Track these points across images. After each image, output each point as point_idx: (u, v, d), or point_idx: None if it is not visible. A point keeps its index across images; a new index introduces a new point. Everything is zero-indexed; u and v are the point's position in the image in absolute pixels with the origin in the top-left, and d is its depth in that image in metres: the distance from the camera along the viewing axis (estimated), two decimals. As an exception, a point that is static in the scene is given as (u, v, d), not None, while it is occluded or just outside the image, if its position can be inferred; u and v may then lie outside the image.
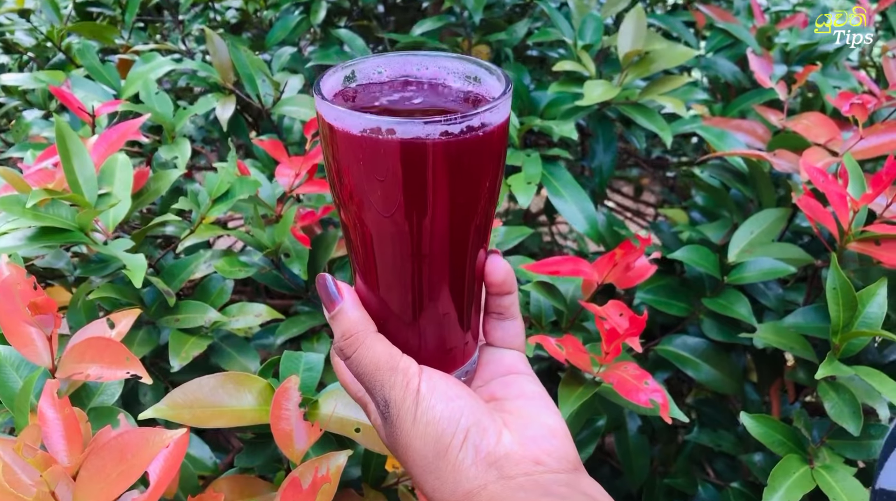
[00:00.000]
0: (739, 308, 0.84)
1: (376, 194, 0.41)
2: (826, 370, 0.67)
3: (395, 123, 0.38)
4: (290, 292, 0.93)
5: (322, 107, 0.40)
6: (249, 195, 0.85)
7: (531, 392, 0.48)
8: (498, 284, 0.48)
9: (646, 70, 1.03)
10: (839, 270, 0.68)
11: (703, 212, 1.06)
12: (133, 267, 0.75)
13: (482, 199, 0.43)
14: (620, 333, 0.63)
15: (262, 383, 0.66)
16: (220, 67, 1.12)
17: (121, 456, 0.52)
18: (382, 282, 0.46)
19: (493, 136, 0.40)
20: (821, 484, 0.68)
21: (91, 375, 0.62)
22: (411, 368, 0.46)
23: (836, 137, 0.91)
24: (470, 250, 0.45)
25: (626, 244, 0.72)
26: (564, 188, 0.98)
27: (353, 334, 0.46)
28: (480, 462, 0.43)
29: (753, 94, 1.12)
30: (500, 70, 0.44)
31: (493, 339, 0.51)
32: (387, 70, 0.47)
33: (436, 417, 0.44)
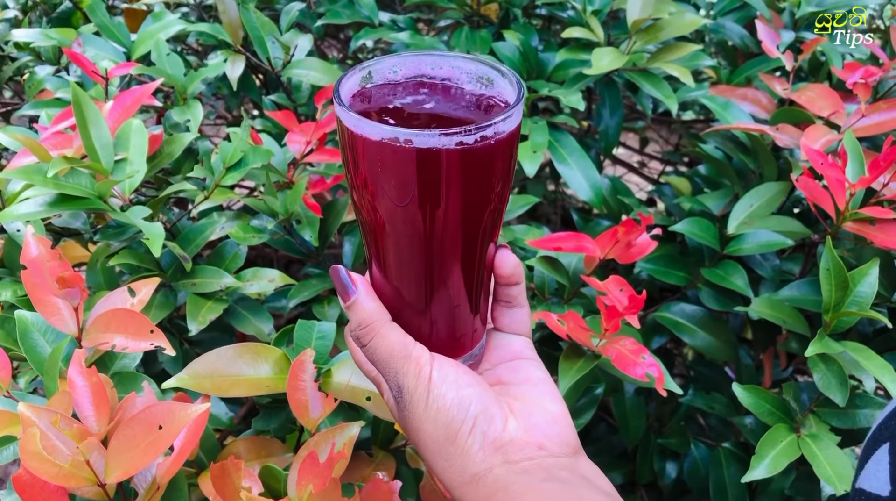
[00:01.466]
0: (736, 280, 0.87)
1: (392, 195, 0.43)
2: (816, 347, 0.71)
3: (412, 135, 0.40)
4: (302, 255, 0.96)
5: (342, 114, 0.42)
6: (262, 165, 0.87)
7: (536, 378, 0.51)
8: (506, 276, 0.51)
9: (654, 38, 1.03)
10: (833, 252, 0.70)
11: (706, 181, 1.08)
12: (152, 235, 0.78)
13: (493, 200, 0.45)
14: (620, 310, 0.66)
15: (278, 353, 0.70)
16: (230, 25, 1.13)
17: (149, 428, 0.56)
18: (396, 274, 0.49)
19: (505, 142, 0.42)
20: (806, 453, 0.72)
21: (117, 345, 0.66)
22: (423, 356, 0.48)
23: (840, 111, 0.92)
24: (480, 246, 0.48)
25: (628, 222, 0.74)
26: (570, 156, 1.00)
27: (368, 323, 0.49)
28: (487, 447, 0.46)
29: (760, 61, 1.13)
30: (512, 73, 0.46)
31: (501, 325, 0.54)
32: (402, 70, 0.48)
33: (446, 404, 0.47)
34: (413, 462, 0.75)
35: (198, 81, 1.05)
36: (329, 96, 0.90)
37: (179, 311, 1.03)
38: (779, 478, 0.89)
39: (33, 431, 0.55)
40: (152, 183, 1.05)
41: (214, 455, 0.72)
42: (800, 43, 1.10)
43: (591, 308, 0.84)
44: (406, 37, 1.18)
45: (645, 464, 1.04)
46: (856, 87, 0.83)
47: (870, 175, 0.73)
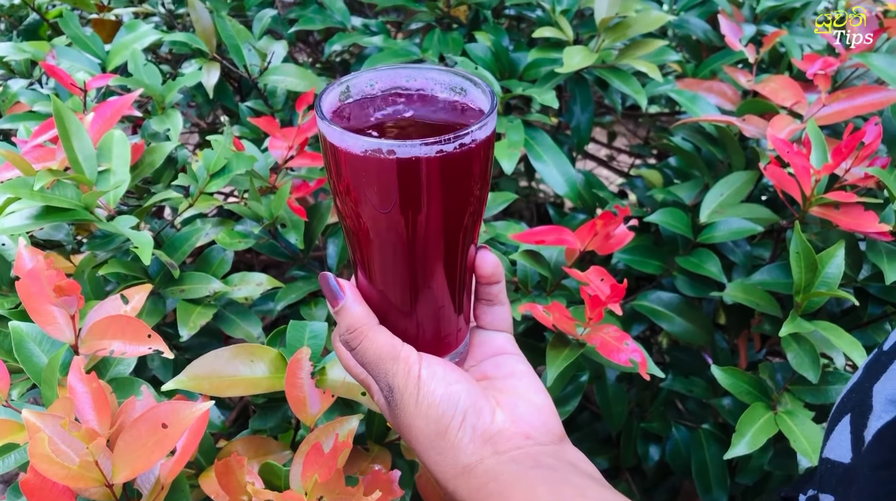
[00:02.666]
0: (710, 266, 0.91)
1: (376, 203, 0.45)
2: (789, 327, 0.74)
3: (394, 146, 0.42)
4: (287, 259, 0.98)
5: (325, 129, 0.45)
6: (245, 171, 0.89)
7: (520, 372, 0.54)
8: (487, 275, 0.54)
9: (622, 35, 1.07)
10: (801, 235, 0.74)
11: (677, 172, 1.11)
12: (141, 244, 0.79)
13: (472, 202, 0.48)
14: (603, 299, 0.69)
15: (273, 352, 0.72)
16: (204, 34, 1.14)
17: (154, 428, 0.58)
18: (381, 279, 0.51)
19: (482, 148, 0.45)
20: (783, 429, 0.76)
21: (115, 351, 0.67)
22: (412, 356, 0.51)
23: (801, 100, 0.97)
24: (462, 248, 0.50)
25: (606, 215, 0.77)
26: (546, 153, 1.03)
27: (356, 327, 0.51)
28: (477, 439, 0.49)
29: (723, 54, 1.17)
30: (484, 83, 0.48)
31: (484, 323, 0.57)
32: (378, 83, 0.51)
33: (436, 400, 0.49)
34: (408, 455, 0.78)
35: (176, 91, 1.06)
36: (309, 102, 0.92)
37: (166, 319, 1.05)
38: (758, 455, 0.93)
39: (41, 435, 0.56)
40: (133, 193, 1.06)
41: (211, 456, 0.74)
42: (761, 36, 1.15)
43: (574, 299, 0.87)
44: (379, 41, 1.20)
45: (628, 449, 1.08)
46: (816, 77, 0.87)
47: (833, 161, 0.77)
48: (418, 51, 1.18)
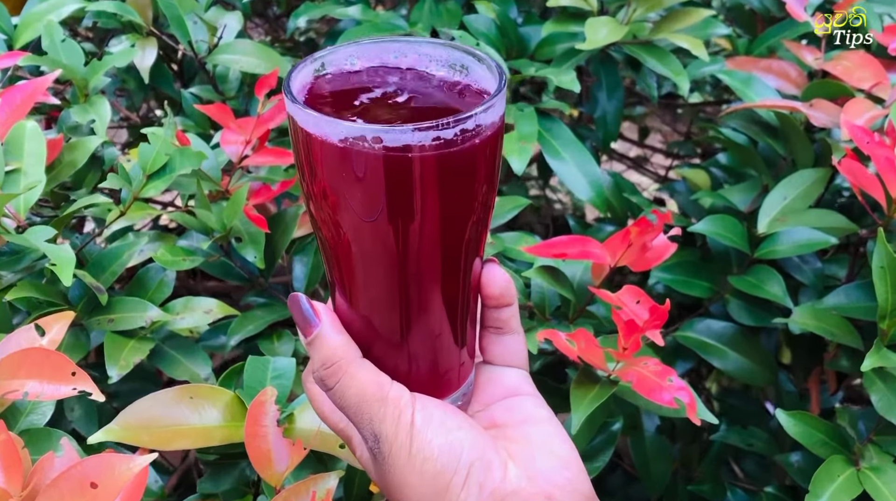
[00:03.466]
0: (771, 287, 0.91)
1: (359, 206, 0.45)
2: (873, 360, 0.75)
3: (381, 132, 0.42)
4: (243, 282, 0.98)
5: (296, 112, 0.45)
6: (192, 170, 0.89)
7: (538, 417, 0.54)
8: (496, 296, 0.54)
9: (658, 3, 1.08)
10: (886, 245, 0.75)
11: (728, 172, 1.13)
12: (60, 261, 0.79)
13: (477, 206, 0.48)
14: (640, 324, 0.70)
15: (229, 395, 0.72)
16: (137, 4, 1.15)
17: (82, 488, 0.58)
18: (366, 301, 0.51)
19: (489, 137, 0.45)
20: (868, 488, 0.76)
21: (30, 393, 0.67)
22: (403, 397, 0.50)
23: (883, 81, 0.98)
24: (464, 262, 0.50)
25: (641, 221, 0.78)
26: (564, 148, 1.04)
27: (334, 362, 0.50)
28: (486, 500, 0.49)
29: (784, 26, 1.19)
30: (490, 59, 0.49)
31: (492, 356, 0.57)
32: (360, 60, 0.51)
33: (434, 452, 0.49)
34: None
35: (102, 73, 1.07)
36: (271, 85, 0.93)
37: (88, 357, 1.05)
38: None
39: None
40: (48, 201, 1.06)
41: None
42: (830, 5, 1.16)
43: (602, 329, 0.88)
44: (356, 12, 1.21)
45: (672, 519, 1.08)
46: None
47: (924, 151, 0.78)
48: (405, 24, 1.19)
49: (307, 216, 0.98)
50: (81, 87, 1.07)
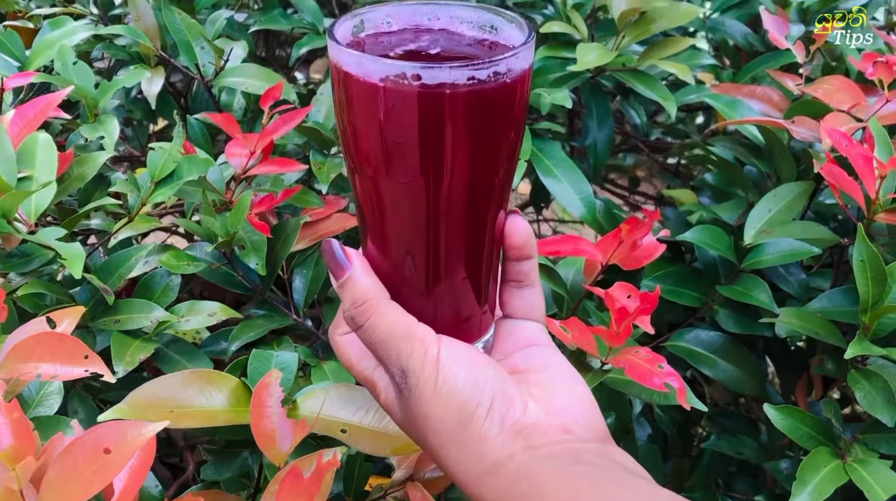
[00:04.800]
0: (758, 294, 0.94)
1: (397, 146, 0.48)
2: (856, 349, 0.77)
3: (419, 69, 0.45)
4: (245, 291, 1.00)
5: (339, 53, 0.48)
6: (198, 177, 0.92)
7: (556, 363, 0.57)
8: (518, 246, 0.57)
9: (645, 31, 1.13)
10: (866, 240, 0.78)
11: (715, 191, 1.16)
12: (70, 256, 0.82)
13: (506, 151, 0.51)
14: (631, 310, 0.72)
15: (234, 381, 0.74)
16: (147, 33, 1.20)
17: (95, 454, 0.59)
18: (397, 245, 0.54)
19: (518, 83, 0.49)
20: (854, 478, 0.78)
21: (43, 374, 0.69)
22: (429, 336, 0.53)
23: (861, 103, 1.02)
24: (491, 208, 0.54)
25: (632, 220, 0.81)
26: (558, 167, 1.07)
27: (365, 301, 0.53)
28: (507, 430, 0.51)
29: (767, 57, 1.23)
30: (520, 17, 0.53)
31: (512, 309, 0.59)
32: (395, 20, 0.55)
33: (458, 385, 0.52)
34: None
35: (111, 94, 1.11)
36: (276, 97, 0.96)
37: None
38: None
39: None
40: (55, 218, 1.09)
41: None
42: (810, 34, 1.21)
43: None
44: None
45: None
46: (876, 67, 0.93)
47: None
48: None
49: (307, 230, 1.01)
50: (91, 107, 1.10)
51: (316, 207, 1.02)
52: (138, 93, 1.36)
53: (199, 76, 1.14)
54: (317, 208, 1.02)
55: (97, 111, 1.11)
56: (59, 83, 1.08)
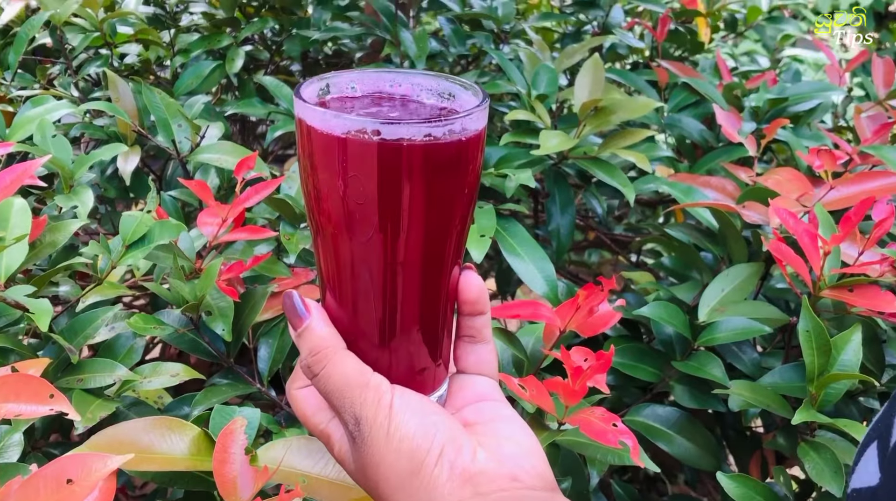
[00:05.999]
0: (713, 369, 0.97)
1: (356, 200, 0.51)
2: (803, 415, 0.80)
3: (379, 124, 0.49)
4: (210, 358, 1.02)
5: (304, 110, 0.52)
6: (170, 241, 0.95)
7: (506, 416, 0.59)
8: (472, 301, 0.59)
9: (605, 122, 1.19)
10: (811, 311, 0.82)
11: (672, 274, 1.20)
12: (38, 311, 0.83)
13: (461, 207, 0.54)
14: (585, 369, 0.75)
15: (197, 430, 0.75)
16: (126, 108, 1.24)
17: (57, 485, 0.60)
18: (353, 297, 0.56)
19: (472, 142, 0.52)
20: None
21: (8, 413, 0.70)
22: (383, 384, 0.55)
23: (809, 192, 1.08)
24: (446, 263, 0.56)
25: (588, 286, 0.84)
26: (521, 246, 1.11)
27: (321, 349, 0.56)
28: (456, 478, 0.52)
29: (722, 152, 1.30)
30: (476, 85, 0.57)
31: (466, 365, 0.61)
32: (360, 86, 0.59)
33: (410, 432, 0.53)
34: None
35: (87, 166, 1.14)
36: (250, 167, 1.00)
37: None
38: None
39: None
40: (25, 284, 1.10)
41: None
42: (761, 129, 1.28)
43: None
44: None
45: None
46: (821, 155, 0.99)
47: (842, 231, 0.86)
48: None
49: (274, 300, 1.03)
50: (67, 178, 1.13)
51: (284, 277, 1.04)
52: (114, 171, 1.39)
53: (175, 152, 1.17)
54: (285, 278, 1.04)
55: (72, 183, 1.14)
56: (38, 154, 1.11)
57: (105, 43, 1.51)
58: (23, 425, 0.81)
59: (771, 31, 2.19)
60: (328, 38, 1.61)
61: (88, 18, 1.47)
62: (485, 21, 1.66)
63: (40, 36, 1.57)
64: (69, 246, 1.14)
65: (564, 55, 1.41)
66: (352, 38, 1.65)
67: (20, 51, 1.41)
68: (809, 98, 1.36)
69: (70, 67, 1.49)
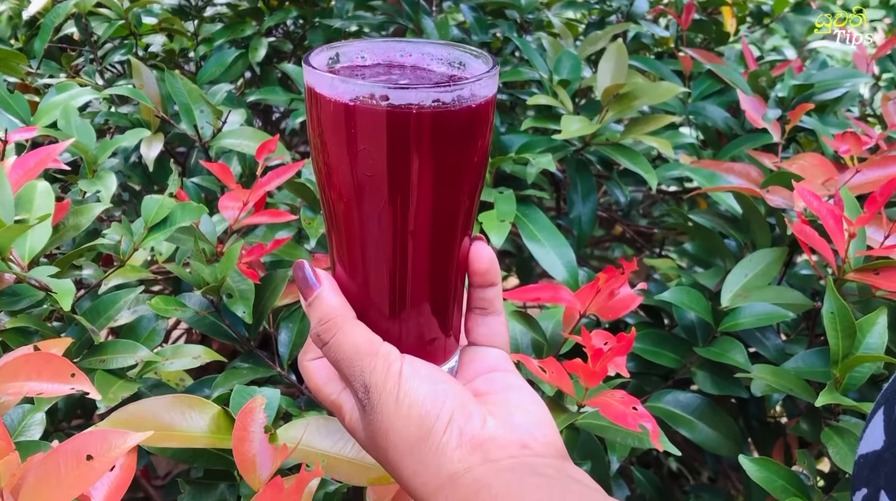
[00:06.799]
0: (735, 355, 0.96)
1: (364, 166, 0.51)
2: (826, 397, 0.79)
3: (387, 90, 0.48)
4: (231, 341, 1.02)
5: (312, 76, 0.51)
6: (191, 224, 0.95)
7: (517, 386, 0.58)
8: (482, 272, 0.59)
9: (628, 107, 1.18)
10: (835, 292, 0.81)
11: (694, 260, 1.19)
12: (61, 291, 0.84)
13: (470, 174, 0.54)
14: (605, 351, 0.74)
15: (217, 409, 0.75)
16: (150, 94, 1.24)
17: (77, 460, 0.60)
18: (363, 267, 0.56)
19: (482, 109, 0.52)
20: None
21: (30, 391, 0.70)
22: (392, 353, 0.55)
23: (834, 177, 1.06)
24: (456, 232, 0.56)
25: (609, 269, 0.84)
26: (541, 232, 1.11)
27: (331, 318, 0.55)
28: (465, 444, 0.52)
29: (746, 138, 1.29)
30: (487, 53, 0.56)
31: (476, 336, 0.61)
32: (369, 55, 0.59)
33: (419, 398, 0.53)
34: None
35: (110, 151, 1.14)
36: (271, 149, 1.00)
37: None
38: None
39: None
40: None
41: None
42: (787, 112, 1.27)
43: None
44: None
45: None
46: (846, 139, 0.98)
47: (867, 212, 0.85)
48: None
49: (293, 285, 1.03)
50: (91, 163, 1.14)
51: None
52: (137, 159, 1.40)
53: (197, 138, 1.18)
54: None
55: (96, 168, 1.14)
56: (62, 139, 1.12)
57: (130, 33, 1.52)
58: (45, 404, 0.81)
59: (799, 26, 2.17)
60: (351, 27, 1.62)
61: (113, 8, 1.47)
62: (508, 11, 1.66)
63: (66, 26, 1.58)
64: (92, 230, 1.15)
65: (588, 42, 1.41)
66: (374, 27, 1.64)
67: (45, 39, 1.42)
68: (836, 86, 1.35)
69: (95, 56, 1.50)
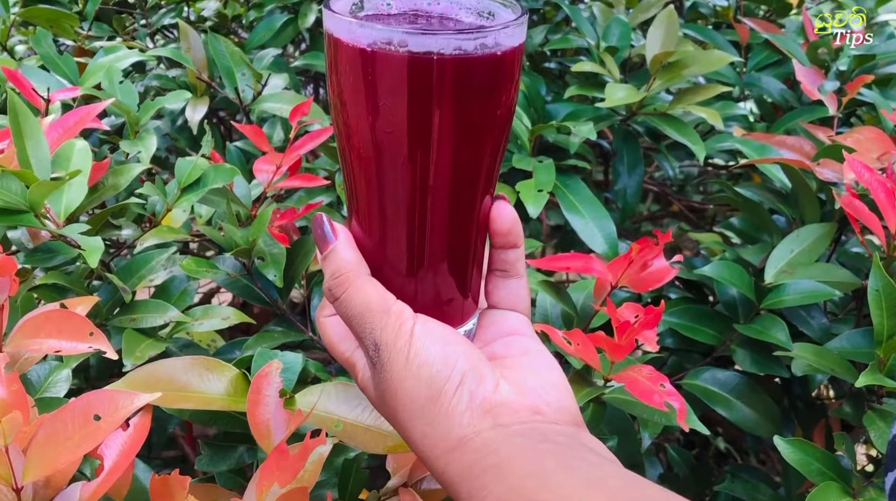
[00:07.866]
0: (777, 333, 0.92)
1: (383, 115, 0.48)
2: (867, 378, 0.75)
3: (407, 35, 0.46)
4: (263, 304, 1.01)
5: (332, 21, 0.49)
6: (223, 186, 0.94)
7: (534, 350, 0.56)
8: (504, 233, 0.56)
9: (677, 76, 1.13)
10: (882, 269, 0.76)
11: (741, 236, 1.15)
12: (89, 247, 0.83)
13: (493, 129, 0.51)
14: (633, 323, 0.71)
15: (235, 371, 0.74)
16: (195, 63, 1.24)
17: (84, 419, 0.60)
18: (381, 222, 0.54)
19: (507, 59, 0.48)
20: (864, 514, 0.75)
21: (49, 348, 0.70)
22: (405, 312, 0.53)
23: (890, 152, 1.01)
24: (476, 190, 0.53)
25: (643, 240, 0.80)
26: (582, 203, 1.07)
27: (343, 273, 0.54)
28: (476, 408, 0.50)
29: (801, 111, 1.23)
30: (516, 4, 0.53)
31: (496, 299, 0.59)
32: (396, 3, 0.56)
33: (430, 358, 0.51)
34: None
35: (152, 112, 1.14)
36: (304, 112, 0.98)
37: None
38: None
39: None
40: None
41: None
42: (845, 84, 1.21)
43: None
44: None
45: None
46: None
47: (921, 187, 0.80)
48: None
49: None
50: (133, 124, 1.13)
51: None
52: (184, 121, 1.40)
53: (238, 101, 1.17)
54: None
55: (138, 129, 1.14)
56: (104, 98, 1.12)
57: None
58: (73, 361, 0.81)
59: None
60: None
61: (166, -30, 1.48)
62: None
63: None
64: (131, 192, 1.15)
65: (639, 9, 1.36)
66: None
67: (98, 1, 1.42)
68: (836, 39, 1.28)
69: (147, 20, 1.50)
